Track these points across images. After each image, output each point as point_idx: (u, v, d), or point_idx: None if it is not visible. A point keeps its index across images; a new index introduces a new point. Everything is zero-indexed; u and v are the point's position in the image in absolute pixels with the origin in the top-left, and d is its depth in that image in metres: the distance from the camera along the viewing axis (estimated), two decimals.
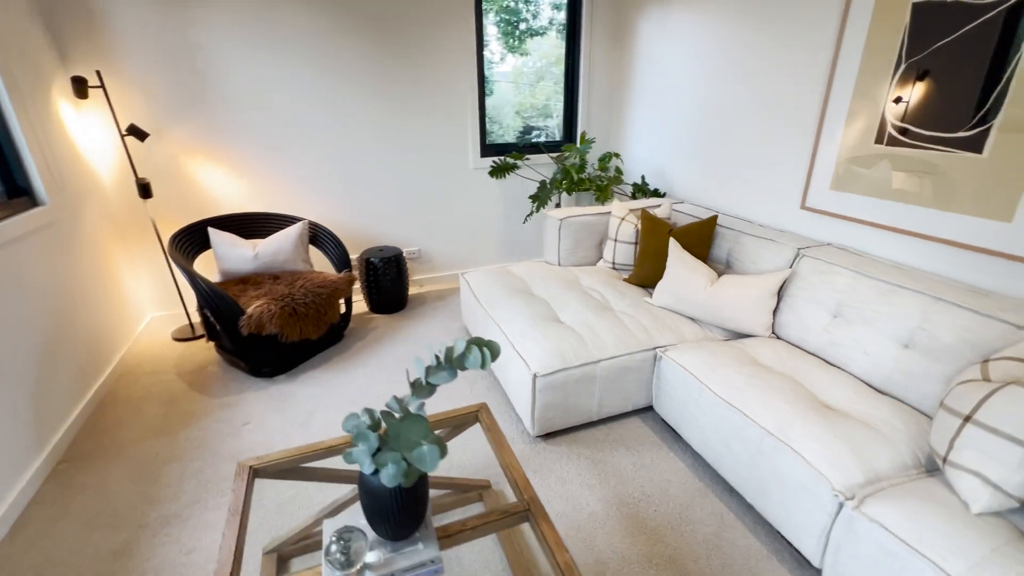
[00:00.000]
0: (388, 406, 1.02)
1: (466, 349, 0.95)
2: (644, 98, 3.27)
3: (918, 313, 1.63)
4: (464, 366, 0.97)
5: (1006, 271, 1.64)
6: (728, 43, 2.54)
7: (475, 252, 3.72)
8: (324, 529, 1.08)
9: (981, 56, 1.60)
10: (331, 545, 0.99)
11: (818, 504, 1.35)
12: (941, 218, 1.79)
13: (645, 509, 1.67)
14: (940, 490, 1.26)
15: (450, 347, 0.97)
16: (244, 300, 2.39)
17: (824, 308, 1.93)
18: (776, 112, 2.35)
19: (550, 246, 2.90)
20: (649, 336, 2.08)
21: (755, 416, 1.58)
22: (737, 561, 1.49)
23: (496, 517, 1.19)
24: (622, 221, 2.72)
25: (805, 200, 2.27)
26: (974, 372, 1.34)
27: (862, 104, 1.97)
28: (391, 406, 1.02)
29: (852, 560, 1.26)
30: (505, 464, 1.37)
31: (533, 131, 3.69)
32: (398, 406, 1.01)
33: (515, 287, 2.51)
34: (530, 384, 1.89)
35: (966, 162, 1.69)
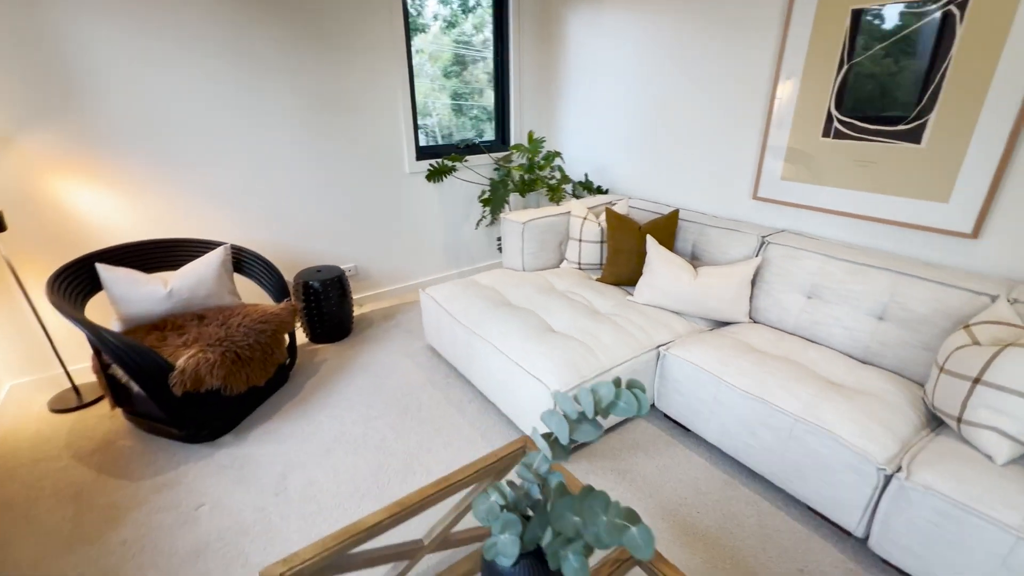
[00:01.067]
0: (521, 476, 0.84)
1: (616, 395, 0.80)
2: (579, 95, 3.28)
3: (888, 288, 1.82)
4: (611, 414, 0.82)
5: (945, 244, 1.90)
6: (670, 41, 2.63)
7: (418, 263, 3.45)
8: None
9: (917, 58, 1.82)
10: None
11: (863, 479, 1.43)
12: (886, 201, 2.02)
13: (688, 514, 1.65)
14: (962, 448, 1.41)
15: (594, 393, 0.81)
16: (169, 351, 1.91)
17: (799, 290, 2.08)
18: (724, 108, 2.48)
19: (512, 251, 2.78)
20: (648, 335, 2.07)
21: (780, 403, 1.63)
22: (788, 546, 1.53)
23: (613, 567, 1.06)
24: (584, 221, 2.69)
25: (757, 191, 2.44)
26: (962, 338, 1.52)
27: (808, 101, 2.15)
28: (524, 476, 0.84)
29: (906, 526, 1.35)
30: None
31: (463, 131, 3.51)
32: (532, 476, 0.83)
33: (490, 299, 2.35)
34: (549, 403, 1.77)
35: (906, 152, 1.92)
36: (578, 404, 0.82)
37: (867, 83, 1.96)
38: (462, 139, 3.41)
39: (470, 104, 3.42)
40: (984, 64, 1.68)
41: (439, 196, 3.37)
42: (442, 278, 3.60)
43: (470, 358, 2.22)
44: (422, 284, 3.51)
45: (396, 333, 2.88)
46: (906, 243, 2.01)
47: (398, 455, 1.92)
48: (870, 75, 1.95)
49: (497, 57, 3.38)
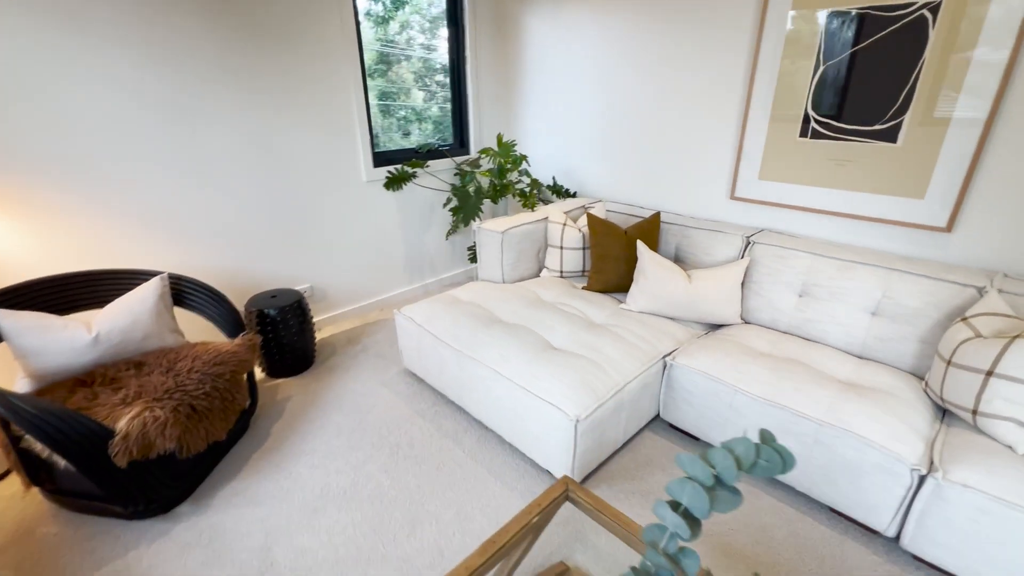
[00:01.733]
0: (650, 561, 0.69)
1: (757, 452, 0.68)
2: (541, 95, 3.17)
3: (879, 284, 1.87)
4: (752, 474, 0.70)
5: (921, 239, 1.99)
6: (640, 39, 2.58)
7: (379, 279, 3.18)
8: None
9: (892, 59, 1.88)
10: None
11: (896, 480, 1.44)
12: (864, 198, 2.08)
13: (720, 532, 1.59)
14: (980, 439, 1.44)
15: (731, 452, 0.69)
16: (104, 412, 1.56)
17: (790, 289, 2.10)
18: (699, 108, 2.47)
19: (490, 262, 2.61)
20: (651, 345, 2.00)
21: (802, 408, 1.61)
22: (825, 554, 1.51)
23: None
24: (564, 227, 2.58)
25: (734, 191, 2.45)
26: (964, 331, 1.57)
27: (784, 102, 2.18)
28: (653, 560, 0.69)
29: (943, 523, 1.36)
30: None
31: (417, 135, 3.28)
32: (663, 560, 0.69)
33: (478, 316, 2.17)
34: (569, 431, 1.63)
35: (883, 151, 1.99)
36: (711, 466, 0.69)
37: (842, 84, 2.01)
38: (424, 143, 3.18)
39: (398, 104, 3.18)
40: (955, 65, 1.76)
41: (399, 205, 3.12)
42: (406, 293, 3.35)
43: (463, 384, 2.04)
44: (385, 302, 3.24)
45: (366, 359, 2.61)
46: (883, 238, 2.08)
47: (399, 504, 1.70)
48: (846, 75, 2.00)
49: (453, 56, 3.18)
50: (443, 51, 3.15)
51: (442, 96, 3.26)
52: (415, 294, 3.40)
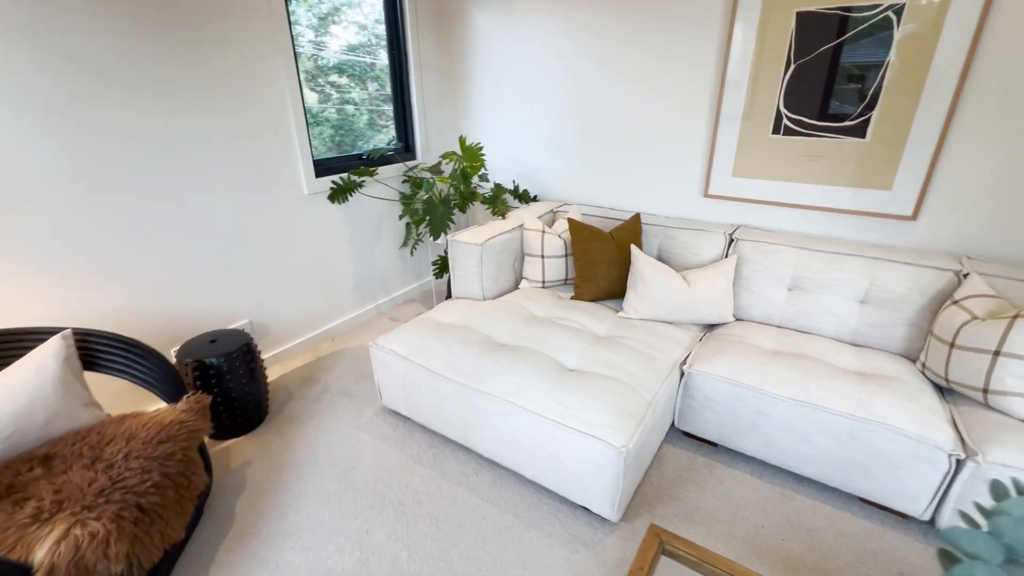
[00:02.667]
0: None
1: None
2: (494, 96, 2.97)
3: (866, 273, 1.96)
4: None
5: (890, 227, 2.11)
6: (605, 36, 2.49)
7: (328, 305, 2.78)
8: None
9: (861, 58, 1.97)
10: None
11: (934, 467, 1.47)
12: (835, 192, 2.17)
13: (773, 543, 1.54)
14: (993, 416, 1.53)
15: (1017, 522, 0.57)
16: (10, 539, 1.10)
17: (780, 284, 2.13)
18: (669, 106, 2.44)
19: (468, 277, 2.37)
20: (664, 354, 1.91)
21: (832, 406, 1.61)
22: (875, 549, 1.52)
23: None
24: (544, 234, 2.42)
25: (708, 188, 2.46)
26: (960, 314, 1.67)
27: (757, 100, 2.21)
28: None
29: (982, 501, 1.42)
30: None
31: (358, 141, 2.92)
32: None
33: (472, 340, 1.94)
34: (617, 463, 1.48)
35: (853, 146, 2.08)
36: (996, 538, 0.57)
37: (814, 82, 2.07)
38: (374, 149, 2.83)
39: (334, 107, 2.85)
40: (917, 64, 1.88)
41: (345, 219, 2.75)
42: (359, 318, 2.98)
43: (469, 421, 1.80)
44: (336, 331, 2.85)
45: (331, 401, 2.25)
46: (853, 229, 2.19)
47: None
48: (816, 74, 2.06)
49: (393, 52, 2.87)
50: (374, 49, 2.83)
51: (381, 97, 2.93)
52: (368, 317, 3.04)
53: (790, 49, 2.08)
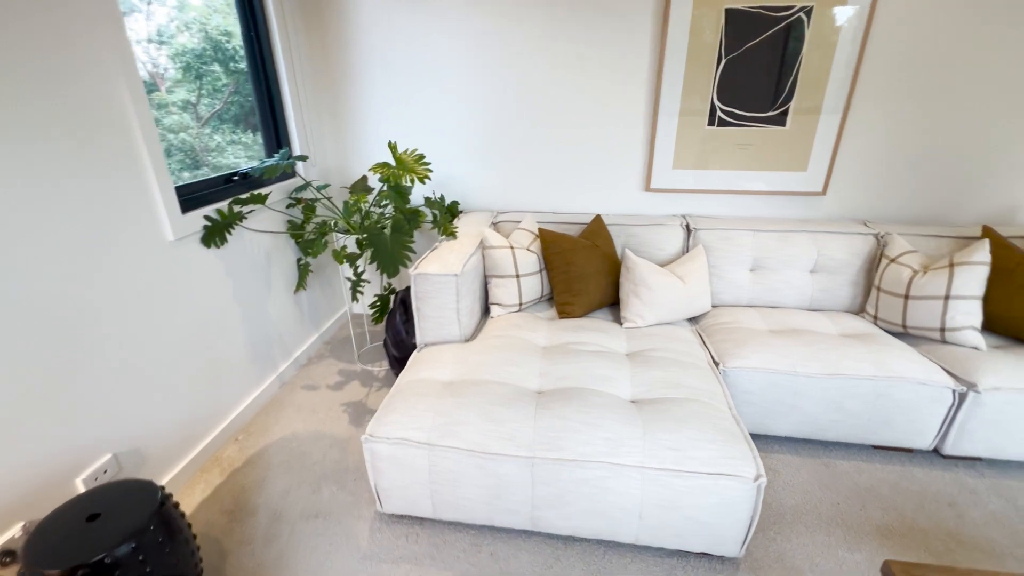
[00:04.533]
0: None
1: None
2: (396, 97, 2.46)
3: (814, 245, 2.20)
4: None
5: (804, 202, 2.42)
6: (538, 38, 2.25)
7: (218, 394, 1.95)
8: None
9: (779, 54, 2.17)
10: None
11: (942, 404, 1.71)
12: (762, 176, 2.39)
13: (855, 514, 1.60)
14: (952, 349, 1.84)
15: None
16: None
17: (744, 266, 2.25)
18: (609, 105, 2.34)
19: (443, 317, 1.90)
20: (696, 358, 1.82)
21: (857, 372, 1.74)
22: (917, 490, 1.70)
23: None
24: (515, 251, 2.10)
25: (649, 183, 2.47)
26: (904, 270, 1.98)
27: (693, 94, 2.27)
28: None
29: (981, 424, 1.70)
30: None
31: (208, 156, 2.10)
32: None
33: (507, 396, 1.54)
34: (750, 496, 1.32)
35: (775, 134, 2.30)
36: None
37: (742, 75, 2.22)
38: (260, 166, 2.03)
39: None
40: (823, 60, 2.15)
41: (226, 266, 1.95)
42: (261, 398, 2.17)
43: (542, 501, 1.42)
44: (236, 425, 2.02)
45: (296, 535, 1.55)
46: (776, 207, 2.45)
47: None
48: (744, 68, 2.21)
49: (251, 45, 2.12)
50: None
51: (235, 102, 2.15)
52: (273, 393, 2.24)
53: (721, 44, 2.18)
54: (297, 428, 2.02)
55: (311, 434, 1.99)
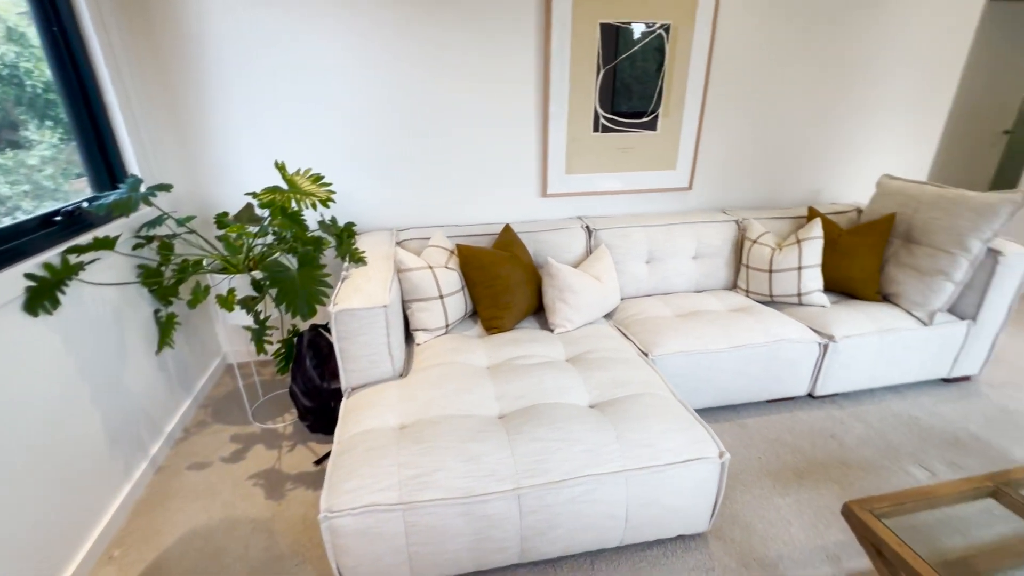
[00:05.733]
0: None
1: None
2: (255, 108, 2.11)
3: (695, 235, 2.49)
4: None
5: (674, 197, 2.73)
6: (428, 48, 2.13)
7: (77, 503, 1.49)
8: None
9: (649, 66, 2.40)
10: None
11: (812, 356, 2.08)
12: (641, 176, 2.63)
13: (779, 461, 1.85)
14: (805, 310, 2.26)
15: None
16: None
17: (640, 260, 2.46)
18: (501, 115, 2.34)
19: (374, 355, 1.70)
20: (627, 352, 1.92)
21: (754, 340, 2.03)
22: (808, 430, 2.04)
23: None
24: (433, 271, 1.98)
25: (546, 189, 2.54)
26: (764, 249, 2.36)
27: (578, 103, 2.39)
28: None
29: (838, 367, 2.12)
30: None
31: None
32: None
33: (473, 429, 1.45)
34: (716, 472, 1.44)
35: (649, 138, 2.55)
36: None
37: (619, 85, 2.40)
38: (102, 200, 1.55)
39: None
40: (681, 72, 2.44)
41: (61, 335, 1.48)
42: (134, 493, 1.70)
43: (531, 530, 1.37)
44: (107, 536, 1.55)
45: None
46: (654, 203, 2.73)
47: None
48: (620, 78, 2.39)
49: (55, 47, 1.62)
50: None
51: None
52: (148, 485, 1.77)
53: (599, 56, 2.33)
54: (198, 521, 1.63)
55: (220, 523, 1.62)
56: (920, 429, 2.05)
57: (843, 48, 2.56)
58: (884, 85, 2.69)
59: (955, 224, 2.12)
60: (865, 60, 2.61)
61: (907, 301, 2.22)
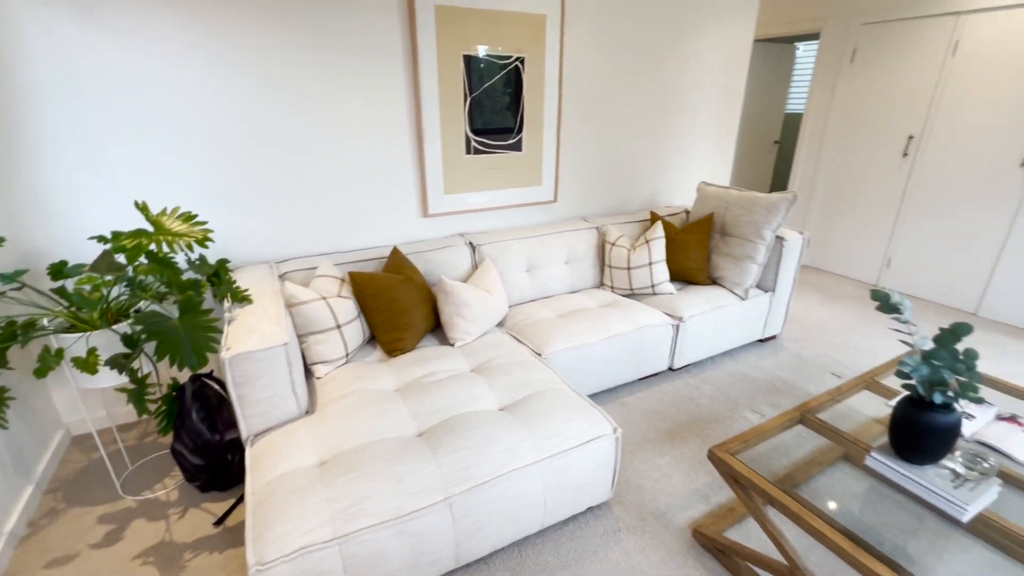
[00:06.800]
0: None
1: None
2: (84, 136, 1.87)
3: (565, 243, 2.80)
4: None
5: (543, 210, 3.03)
6: (294, 72, 2.07)
7: None
8: None
9: (509, 93, 2.64)
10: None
11: (668, 336, 2.51)
12: (512, 192, 2.87)
13: (659, 428, 2.20)
14: (657, 298, 2.71)
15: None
16: None
17: (521, 269, 2.69)
18: (377, 142, 2.38)
19: (275, 397, 1.63)
20: (524, 355, 2.11)
21: (622, 330, 2.37)
22: (673, 403, 2.44)
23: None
24: (326, 300, 1.96)
25: (427, 210, 2.64)
26: (622, 250, 2.76)
27: (450, 128, 2.54)
28: None
29: (688, 342, 2.57)
30: None
31: None
32: None
33: (394, 451, 1.50)
34: (614, 445, 1.69)
35: (517, 157, 2.80)
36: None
37: (484, 111, 2.61)
38: None
39: None
40: (538, 98, 2.74)
41: None
42: None
43: (464, 534, 1.47)
44: None
45: None
46: (527, 216, 2.99)
47: None
48: (486, 104, 2.60)
49: None
50: None
51: None
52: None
53: (464, 85, 2.51)
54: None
55: None
56: (749, 382, 2.60)
57: (663, 82, 3.10)
58: (693, 110, 3.32)
59: (753, 219, 2.72)
60: (678, 92, 3.19)
61: (729, 282, 2.78)
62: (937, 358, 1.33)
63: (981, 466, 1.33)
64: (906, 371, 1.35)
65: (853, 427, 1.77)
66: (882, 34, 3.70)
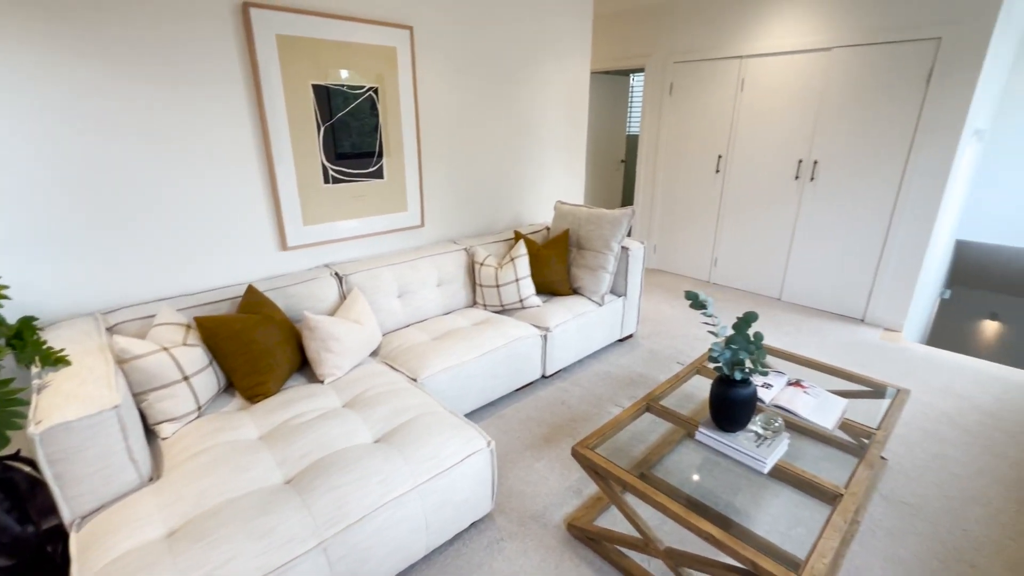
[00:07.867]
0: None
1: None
2: None
3: (435, 267, 2.87)
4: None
5: (412, 235, 3.07)
6: (121, 104, 1.85)
7: None
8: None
9: (365, 122, 2.65)
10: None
11: (538, 346, 2.69)
12: (378, 220, 2.87)
13: (537, 434, 2.34)
14: (526, 311, 2.90)
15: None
16: None
17: (392, 295, 2.69)
18: (221, 176, 2.22)
19: (109, 468, 1.44)
20: (399, 383, 2.12)
21: (495, 346, 2.50)
22: (543, 406, 2.62)
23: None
24: (168, 351, 1.78)
25: (285, 243, 2.52)
26: (489, 269, 2.90)
27: (304, 158, 2.47)
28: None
29: (556, 349, 2.78)
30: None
31: None
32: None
33: (260, 508, 1.42)
34: (489, 457, 1.77)
35: (379, 185, 2.81)
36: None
37: (341, 140, 2.58)
38: None
39: None
40: (396, 127, 2.79)
41: None
42: None
43: (348, 571, 1.43)
44: None
45: None
46: (395, 242, 3.00)
47: None
48: (341, 133, 2.58)
49: None
50: None
51: None
52: None
53: (316, 114, 2.46)
54: None
55: None
56: (612, 379, 2.89)
57: (515, 111, 3.34)
58: (544, 136, 3.63)
59: (602, 233, 3.05)
60: (531, 119, 3.47)
61: (587, 291, 3.07)
62: (735, 343, 1.64)
63: (773, 426, 1.66)
64: (715, 356, 1.64)
65: (692, 408, 2.07)
66: (691, 71, 4.41)
